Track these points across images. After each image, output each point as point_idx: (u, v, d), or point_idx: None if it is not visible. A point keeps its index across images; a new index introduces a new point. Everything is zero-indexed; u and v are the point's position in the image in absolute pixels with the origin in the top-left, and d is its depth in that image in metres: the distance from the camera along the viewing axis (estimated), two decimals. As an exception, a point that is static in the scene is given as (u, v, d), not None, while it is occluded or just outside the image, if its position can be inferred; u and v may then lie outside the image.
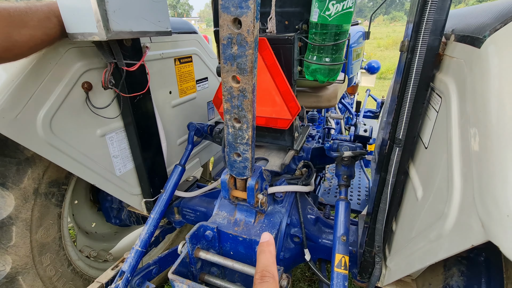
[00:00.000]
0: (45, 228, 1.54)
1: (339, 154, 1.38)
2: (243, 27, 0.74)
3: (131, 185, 1.70)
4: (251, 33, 0.75)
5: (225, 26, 0.77)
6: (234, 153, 1.16)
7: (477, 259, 1.24)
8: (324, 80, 1.29)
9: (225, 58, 0.85)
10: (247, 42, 0.78)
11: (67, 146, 1.29)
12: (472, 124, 0.58)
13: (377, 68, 4.48)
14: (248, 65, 0.84)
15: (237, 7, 0.71)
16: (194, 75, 2.08)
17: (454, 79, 0.72)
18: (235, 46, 0.80)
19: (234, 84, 0.89)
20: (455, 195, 0.60)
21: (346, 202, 1.39)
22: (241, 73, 0.86)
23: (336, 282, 1.16)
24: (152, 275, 1.63)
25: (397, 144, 0.94)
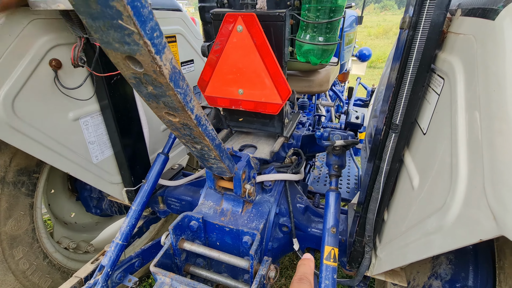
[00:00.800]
0: (15, 220, 1.43)
1: (330, 143, 1.32)
2: (145, 67, 0.53)
3: (110, 174, 1.59)
4: (160, 74, 0.54)
5: (121, 65, 0.55)
6: (206, 164, 1.09)
7: (466, 248, 1.23)
8: (316, 62, 1.21)
9: (144, 96, 0.65)
10: (162, 84, 0.57)
11: (34, 130, 1.16)
12: (483, 106, 0.52)
13: (368, 55, 4.42)
14: (177, 104, 0.65)
15: (122, 43, 0.48)
16: (178, 57, 1.95)
17: (461, 57, 0.66)
18: (149, 86, 0.60)
19: (171, 118, 0.72)
20: (460, 184, 0.55)
21: (336, 193, 1.35)
22: (174, 111, 0.69)
23: (325, 274, 1.13)
24: (135, 268, 1.56)
25: (393, 130, 0.88)
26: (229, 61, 1.24)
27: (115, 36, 0.46)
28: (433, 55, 0.77)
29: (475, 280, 1.16)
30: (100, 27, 0.45)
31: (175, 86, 0.59)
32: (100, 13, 0.42)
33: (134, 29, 0.44)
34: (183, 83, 0.62)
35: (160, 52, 0.51)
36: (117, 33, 0.46)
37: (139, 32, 0.45)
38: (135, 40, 0.47)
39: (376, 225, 1.09)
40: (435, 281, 1.25)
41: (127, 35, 0.46)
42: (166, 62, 0.54)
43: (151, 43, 0.48)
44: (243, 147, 1.65)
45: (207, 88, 1.38)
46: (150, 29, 0.47)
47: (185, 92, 0.64)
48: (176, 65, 0.58)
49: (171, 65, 0.56)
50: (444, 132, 0.68)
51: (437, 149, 0.71)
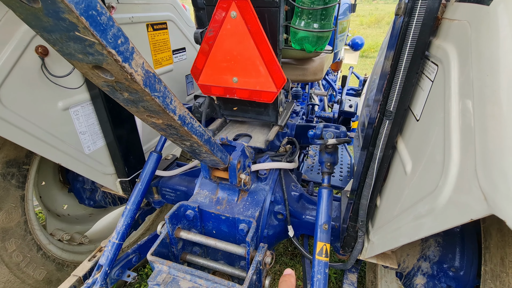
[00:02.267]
0: (6, 212, 1.40)
1: (323, 142, 1.32)
2: (115, 75, 0.50)
3: (103, 164, 1.57)
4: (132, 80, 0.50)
5: (90, 74, 0.52)
6: (199, 157, 1.08)
7: (453, 230, 1.29)
8: (311, 50, 1.20)
9: (122, 102, 0.62)
10: (136, 90, 0.54)
11: (22, 120, 1.13)
12: (477, 91, 0.53)
13: (361, 44, 4.40)
14: (156, 108, 0.62)
15: (85, 54, 0.44)
16: (169, 45, 1.90)
17: (455, 44, 0.67)
18: (124, 93, 0.57)
19: (155, 120, 0.70)
20: (452, 168, 0.57)
21: (329, 190, 1.36)
22: (155, 114, 0.65)
23: (317, 269, 1.17)
24: (132, 264, 1.57)
25: (387, 117, 0.89)
26: (223, 49, 1.22)
27: (76, 47, 0.43)
28: (427, 42, 0.78)
29: (461, 261, 1.22)
30: (57, 39, 0.42)
31: (151, 91, 0.56)
32: (54, 26, 0.39)
33: (94, 39, 0.41)
34: (159, 86, 0.59)
35: (128, 59, 0.48)
36: (77, 45, 0.42)
37: (100, 43, 0.41)
38: (98, 51, 0.43)
39: (369, 211, 1.12)
40: (424, 262, 1.31)
41: (88, 46, 0.42)
42: (137, 68, 0.51)
43: (116, 52, 0.44)
44: (237, 137, 1.65)
45: (201, 77, 1.35)
46: (113, 37, 0.43)
47: (164, 95, 0.61)
48: (149, 69, 0.55)
49: (143, 70, 0.53)
50: (437, 118, 0.69)
51: (430, 135, 0.73)
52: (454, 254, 1.24)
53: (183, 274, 1.17)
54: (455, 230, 1.28)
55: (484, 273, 0.88)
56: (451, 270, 1.22)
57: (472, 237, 1.25)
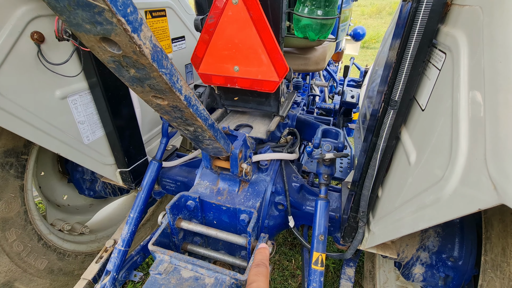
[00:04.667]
0: (5, 202, 1.39)
1: (320, 157, 1.31)
2: (123, 48, 0.48)
3: (103, 154, 1.55)
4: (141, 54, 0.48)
5: (96, 48, 0.49)
6: (201, 145, 1.06)
7: (453, 221, 1.29)
8: (314, 38, 1.17)
9: (127, 80, 0.60)
10: (144, 65, 0.52)
11: (20, 109, 1.11)
12: (488, 78, 0.52)
13: (362, 34, 4.34)
14: (163, 86, 0.60)
15: (93, 23, 0.42)
16: (168, 33, 1.86)
17: (465, 30, 0.65)
18: (131, 69, 0.54)
19: (160, 102, 0.68)
20: (460, 157, 0.56)
21: (325, 202, 1.36)
22: (161, 94, 0.63)
23: (313, 277, 1.19)
24: (138, 264, 1.61)
25: (392, 107, 0.88)
26: (224, 36, 1.19)
27: (84, 16, 0.41)
28: (435, 29, 0.76)
29: (460, 251, 1.23)
30: (65, 7, 0.39)
31: (159, 67, 0.54)
32: None
33: (104, 5, 0.39)
34: (167, 62, 0.57)
35: (137, 30, 0.46)
36: (86, 13, 0.40)
37: (110, 9, 0.39)
38: (107, 19, 0.41)
39: (370, 201, 1.12)
40: (423, 252, 1.32)
41: (97, 14, 0.40)
42: (146, 41, 0.49)
43: (126, 21, 0.42)
44: (238, 127, 1.63)
45: (201, 65, 1.33)
46: (122, 4, 0.41)
47: (171, 72, 0.59)
48: (157, 43, 0.52)
49: (151, 44, 0.50)
50: (444, 107, 0.68)
51: (436, 125, 0.72)
52: (453, 244, 1.25)
53: (184, 263, 1.17)
54: (455, 221, 1.28)
55: (484, 262, 0.89)
56: (450, 260, 1.24)
57: (472, 227, 1.26)
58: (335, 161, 1.40)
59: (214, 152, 1.20)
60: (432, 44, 0.80)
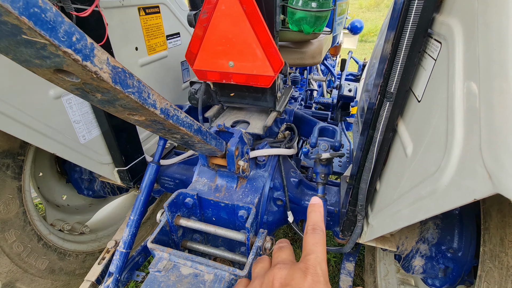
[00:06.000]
0: (3, 203, 1.39)
1: (316, 157, 1.30)
2: (80, 77, 0.45)
3: (100, 154, 1.55)
4: (101, 80, 0.46)
5: (54, 79, 0.47)
6: (194, 148, 1.05)
7: (452, 212, 1.29)
8: (309, 31, 1.16)
9: (98, 104, 0.57)
10: (107, 89, 0.50)
11: (13, 109, 1.10)
12: (483, 67, 0.51)
13: (360, 28, 4.31)
14: (134, 105, 0.57)
15: (41, 58, 0.40)
16: (163, 29, 1.84)
17: (460, 18, 0.63)
18: (96, 94, 0.52)
19: (137, 118, 0.65)
20: (455, 147, 0.55)
21: (323, 201, 1.36)
22: (135, 111, 0.61)
23: None
24: (140, 264, 1.61)
25: (388, 99, 0.87)
26: (218, 31, 1.18)
27: (29, 52, 0.38)
28: (430, 18, 0.74)
29: (459, 242, 1.23)
30: (8, 47, 0.37)
31: (123, 88, 0.52)
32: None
33: (44, 41, 0.36)
34: (132, 80, 0.54)
35: (89, 56, 0.43)
36: (29, 49, 0.38)
37: (52, 43, 0.37)
38: (52, 52, 0.39)
39: (368, 195, 1.12)
40: (423, 245, 1.32)
41: (41, 49, 0.38)
42: (102, 65, 0.46)
43: (73, 50, 0.40)
44: (235, 123, 1.62)
45: (196, 61, 1.31)
46: (65, 34, 0.39)
47: (139, 90, 0.57)
48: (116, 64, 0.50)
49: (109, 67, 0.48)
50: (440, 98, 0.67)
51: (432, 116, 0.71)
52: (452, 236, 1.25)
53: (183, 260, 1.17)
54: (454, 213, 1.28)
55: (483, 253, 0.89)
56: (449, 251, 1.24)
57: (471, 219, 1.26)
58: (332, 160, 1.40)
59: (208, 153, 1.19)
60: (427, 34, 0.79)
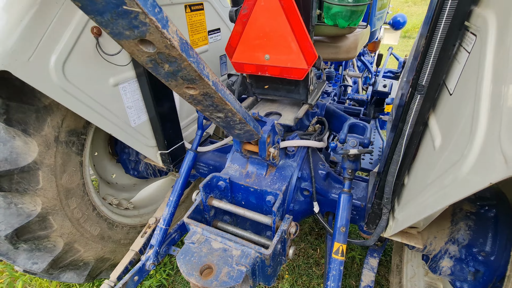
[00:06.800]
0: (68, 174, 1.64)
1: (344, 153, 1.32)
2: (157, 45, 0.58)
3: (147, 137, 1.74)
4: (171, 46, 0.58)
5: (135, 51, 0.60)
6: (233, 131, 1.16)
7: (487, 215, 1.24)
8: (345, 25, 1.19)
9: (163, 77, 0.71)
10: (175, 57, 0.62)
11: (82, 93, 1.30)
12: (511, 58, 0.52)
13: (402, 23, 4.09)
14: (193, 74, 0.70)
15: (131, 29, 0.53)
16: (205, 25, 1.98)
17: (495, 11, 0.64)
18: (165, 65, 0.65)
19: (192, 92, 0.78)
20: (478, 135, 0.57)
21: (349, 195, 1.38)
22: (192, 83, 0.73)
23: (333, 266, 1.25)
24: (176, 241, 1.81)
25: (419, 91, 0.88)
26: (256, 26, 1.26)
27: (123, 24, 0.51)
28: (467, 11, 0.75)
29: (493, 246, 1.18)
30: (109, 20, 0.50)
31: (187, 56, 0.64)
32: (105, 6, 0.47)
33: (138, 9, 0.49)
34: (192, 52, 0.67)
35: (166, 26, 0.56)
36: (125, 20, 0.51)
37: (143, 11, 0.50)
38: (142, 21, 0.51)
39: (395, 188, 1.13)
40: (452, 245, 1.29)
41: (133, 18, 0.50)
42: (173, 35, 0.59)
43: (156, 19, 0.53)
44: (267, 115, 1.70)
45: (235, 54, 1.42)
46: (151, 6, 0.52)
47: (197, 61, 0.69)
48: (182, 36, 0.62)
49: (178, 37, 0.61)
50: (470, 90, 0.68)
51: (461, 107, 0.72)
52: (485, 238, 1.20)
53: (214, 236, 1.30)
54: (488, 215, 1.23)
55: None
56: (481, 254, 1.19)
57: (508, 223, 1.19)
58: (360, 157, 1.41)
59: (246, 137, 1.29)
60: (464, 26, 0.79)
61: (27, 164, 1.42)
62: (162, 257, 1.77)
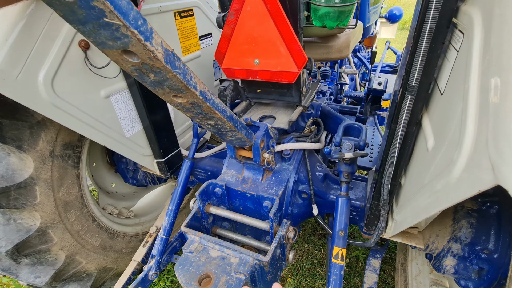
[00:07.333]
0: (66, 188, 1.65)
1: (339, 156, 1.30)
2: (140, 57, 0.57)
3: (142, 146, 1.73)
4: (155, 58, 0.57)
5: (120, 60, 0.59)
6: (225, 138, 1.14)
7: (489, 212, 1.21)
8: (333, 26, 1.17)
9: (149, 85, 0.69)
10: (160, 68, 0.61)
11: (73, 108, 1.30)
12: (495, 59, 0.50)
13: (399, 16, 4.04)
14: (179, 85, 0.68)
15: (113, 39, 0.52)
16: (196, 31, 1.97)
17: (480, 8, 0.62)
18: (150, 74, 0.63)
19: (180, 100, 0.77)
20: (466, 140, 0.55)
21: (346, 199, 1.35)
22: (179, 92, 0.72)
23: (333, 270, 1.23)
24: (177, 249, 1.80)
25: (409, 92, 0.86)
26: (244, 31, 1.25)
27: (106, 34, 0.51)
28: (454, 8, 0.72)
29: (496, 243, 1.15)
30: (91, 30, 0.50)
31: (172, 68, 0.63)
32: (87, 16, 0.47)
33: (119, 22, 0.48)
34: (179, 63, 0.65)
35: (149, 38, 0.55)
36: (107, 31, 0.50)
37: (124, 24, 0.49)
38: (123, 33, 0.50)
39: (393, 189, 1.11)
40: (455, 244, 1.26)
41: (115, 30, 0.50)
42: (157, 46, 0.57)
43: (138, 32, 0.52)
44: (262, 118, 1.69)
45: (224, 60, 1.40)
46: (133, 19, 0.51)
47: (184, 72, 0.68)
48: (167, 47, 0.61)
49: (163, 48, 0.59)
50: (458, 91, 0.66)
51: (451, 109, 0.70)
52: (488, 236, 1.17)
53: (212, 244, 1.29)
54: (491, 212, 1.20)
55: (516, 253, 0.84)
56: (484, 252, 1.17)
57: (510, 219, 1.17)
58: (356, 160, 1.38)
59: (238, 143, 1.28)
60: (452, 24, 0.77)
61: (24, 180, 1.43)
62: (164, 266, 1.78)
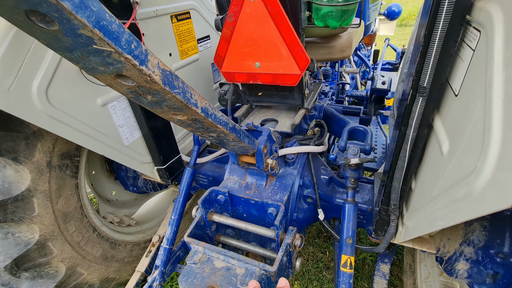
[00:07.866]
0: (64, 198, 1.60)
1: (345, 162, 1.26)
2: (136, 80, 0.53)
3: (141, 154, 1.69)
4: (152, 81, 0.53)
5: (113, 84, 0.55)
6: (228, 147, 1.11)
7: (502, 214, 1.17)
8: (336, 26, 1.12)
9: (147, 105, 0.65)
10: (158, 90, 0.57)
11: (69, 117, 1.26)
12: (524, 58, 0.46)
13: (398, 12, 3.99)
14: (179, 104, 0.65)
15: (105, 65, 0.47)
16: (194, 34, 1.92)
17: (501, 5, 0.58)
18: (147, 96, 0.59)
19: (180, 117, 0.73)
20: (492, 147, 0.51)
21: (353, 205, 1.32)
22: (179, 111, 0.68)
23: (342, 279, 1.19)
24: (181, 258, 1.77)
25: (420, 94, 0.82)
26: (244, 33, 1.21)
27: (96, 61, 0.46)
28: (468, 4, 0.68)
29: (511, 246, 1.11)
30: (79, 57, 0.45)
31: (171, 88, 0.59)
32: (74, 44, 0.42)
33: (110, 49, 0.44)
34: (178, 82, 0.61)
35: (144, 62, 0.50)
36: (97, 58, 0.45)
37: (116, 51, 0.44)
38: (116, 59, 0.46)
39: (403, 194, 1.06)
40: (467, 247, 1.22)
41: (106, 57, 0.45)
42: (154, 69, 0.53)
43: (132, 57, 0.47)
44: (264, 122, 1.65)
45: (224, 64, 1.36)
46: (126, 43, 0.46)
47: (183, 90, 0.64)
48: (165, 67, 0.57)
49: (160, 70, 0.55)
50: (478, 92, 0.62)
51: (469, 111, 0.66)
52: (503, 239, 1.13)
53: (217, 254, 1.25)
54: (505, 214, 1.16)
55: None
56: (499, 256, 1.12)
57: (528, 221, 1.12)
58: (362, 165, 1.35)
59: (241, 151, 1.24)
60: (466, 21, 0.73)
61: (21, 193, 1.38)
62: (168, 276, 1.74)
